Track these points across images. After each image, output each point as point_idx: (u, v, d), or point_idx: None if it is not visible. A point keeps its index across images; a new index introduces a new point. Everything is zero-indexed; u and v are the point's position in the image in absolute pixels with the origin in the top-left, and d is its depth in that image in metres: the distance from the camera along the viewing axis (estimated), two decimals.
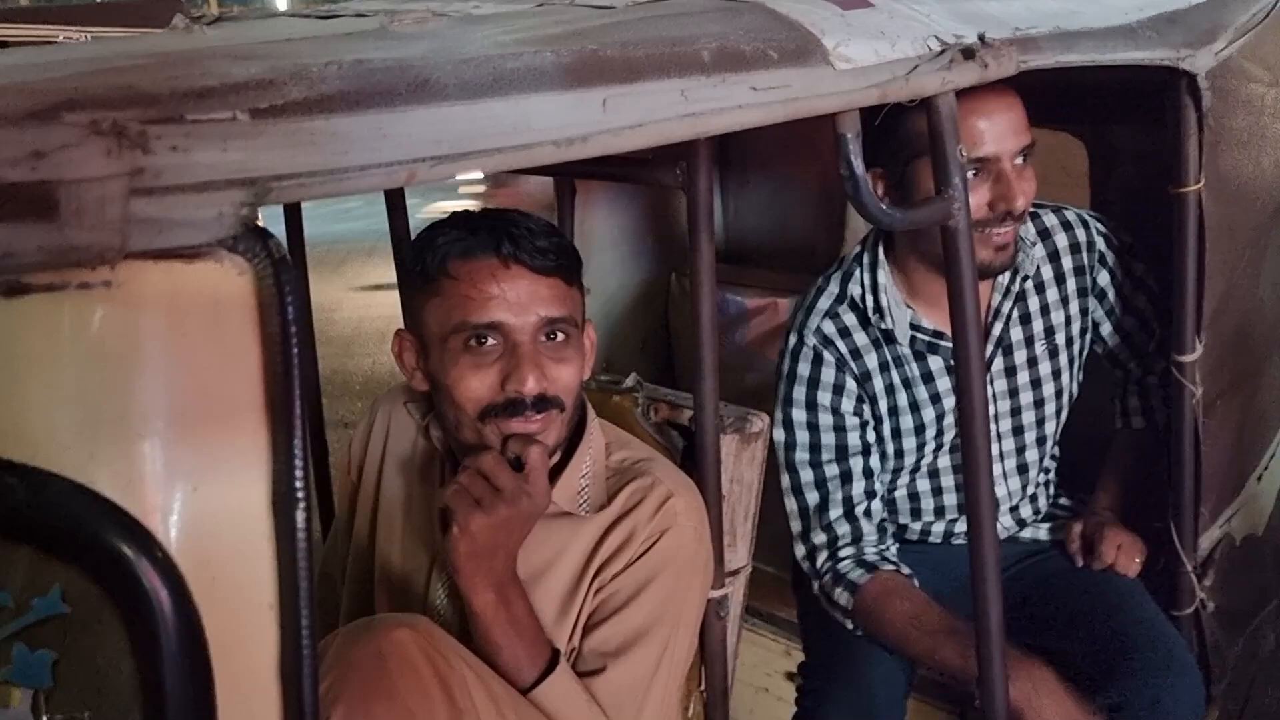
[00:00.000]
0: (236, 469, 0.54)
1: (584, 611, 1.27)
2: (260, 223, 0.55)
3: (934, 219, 1.06)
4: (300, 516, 0.55)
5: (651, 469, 1.32)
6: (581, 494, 1.30)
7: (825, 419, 1.68)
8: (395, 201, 1.70)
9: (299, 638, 0.55)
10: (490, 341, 1.21)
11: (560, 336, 1.25)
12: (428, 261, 1.24)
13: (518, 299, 1.21)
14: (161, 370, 0.55)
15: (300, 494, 0.55)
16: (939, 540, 1.83)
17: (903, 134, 1.40)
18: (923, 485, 1.79)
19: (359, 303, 6.24)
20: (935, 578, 1.68)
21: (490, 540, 1.15)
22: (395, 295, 1.58)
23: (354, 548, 1.43)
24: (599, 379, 1.57)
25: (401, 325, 1.35)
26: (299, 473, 0.55)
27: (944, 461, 1.77)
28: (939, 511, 1.81)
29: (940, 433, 1.73)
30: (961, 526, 1.79)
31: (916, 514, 1.81)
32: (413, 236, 1.41)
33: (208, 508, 0.54)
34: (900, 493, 1.80)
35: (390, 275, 1.74)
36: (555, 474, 1.30)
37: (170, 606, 0.52)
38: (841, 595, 1.63)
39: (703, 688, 1.45)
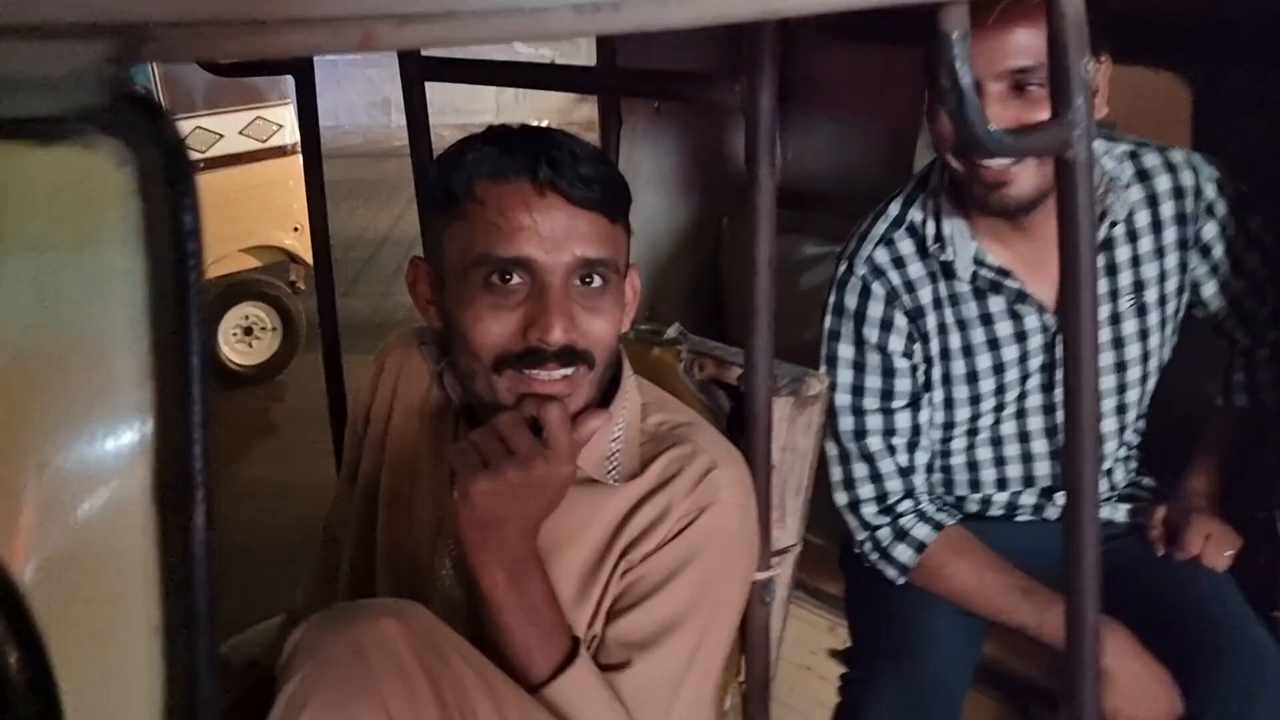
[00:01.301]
0: (104, 441, 0.38)
1: (608, 595, 1.11)
2: (147, 91, 0.38)
3: (1050, 147, 0.87)
4: (199, 512, 0.39)
5: (693, 435, 1.15)
6: (611, 459, 1.14)
7: (873, 358, 1.53)
8: (415, 105, 1.53)
9: (193, 674, 0.40)
10: (515, 280, 1.05)
11: (597, 282, 1.08)
12: (452, 180, 1.08)
13: (551, 233, 1.04)
14: None
15: (200, 479, 0.39)
16: (1000, 513, 1.67)
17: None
18: (983, 454, 1.63)
19: (410, 234, 6.07)
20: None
21: (495, 509, 1.00)
22: None
23: (359, 500, 1.28)
24: (639, 328, 1.41)
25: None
26: (198, 449, 0.39)
27: (1008, 428, 1.60)
28: (1001, 483, 1.64)
29: (1000, 389, 1.56)
30: (1026, 500, 1.65)
31: (975, 485, 1.65)
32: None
33: (60, 496, 0.38)
34: (957, 460, 1.63)
35: None
36: None
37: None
38: (904, 552, 1.52)
39: (742, 678, 1.30)
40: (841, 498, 1.57)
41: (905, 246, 1.53)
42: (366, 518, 1.26)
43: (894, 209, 1.56)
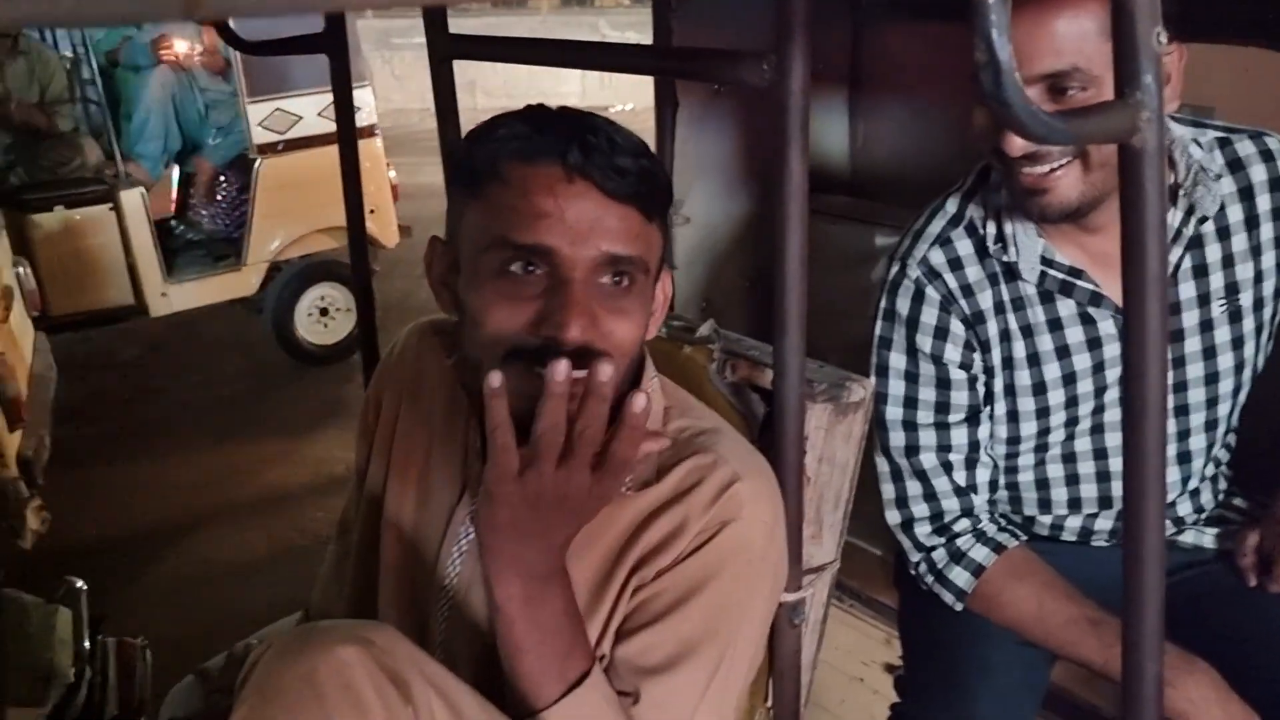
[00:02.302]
0: None
1: (617, 612, 1.02)
2: None
3: (1112, 133, 0.75)
4: None
5: (715, 444, 1.06)
6: None
7: (926, 368, 1.41)
8: (443, 83, 1.46)
9: None
10: (535, 271, 0.97)
11: (624, 282, 0.99)
12: (478, 156, 1.00)
13: (578, 223, 0.95)
14: None
15: None
16: (1074, 539, 1.53)
17: None
18: (1054, 471, 1.49)
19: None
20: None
21: (521, 518, 0.91)
22: None
23: (364, 502, 1.22)
24: (670, 324, 1.32)
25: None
26: None
27: (1082, 445, 1.46)
28: (1074, 504, 1.50)
29: (1071, 402, 1.42)
30: (1103, 524, 1.50)
31: (1046, 505, 1.51)
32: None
33: None
34: (1025, 477, 1.50)
35: None
36: None
37: None
38: (960, 576, 1.40)
39: (769, 704, 1.21)
40: (894, 517, 1.46)
41: (963, 246, 1.41)
42: (372, 512, 1.20)
43: (951, 205, 1.43)
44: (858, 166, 2.26)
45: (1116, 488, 1.47)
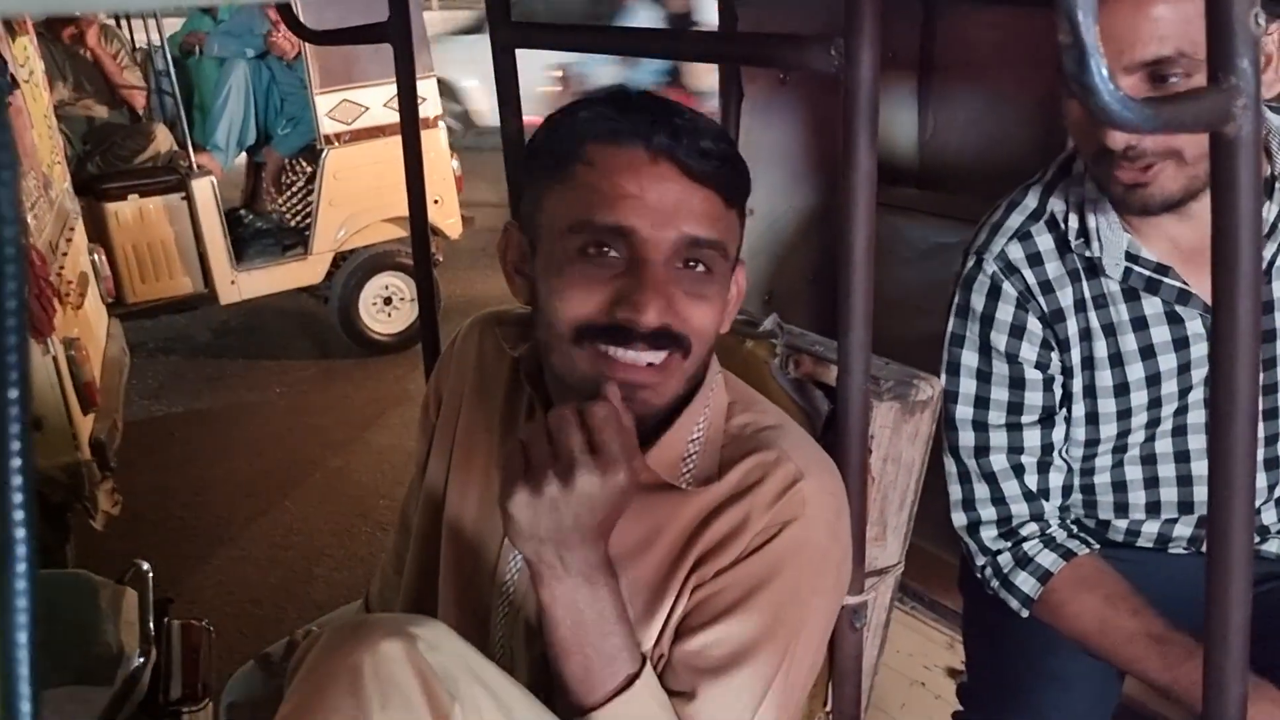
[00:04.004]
0: None
1: (676, 611, 1.00)
2: None
3: (1204, 120, 0.71)
4: (20, 571, 0.31)
5: (779, 441, 1.03)
6: (687, 461, 1.03)
7: (1000, 367, 1.35)
8: (505, 72, 1.44)
9: None
10: (613, 253, 0.95)
11: (702, 268, 0.98)
12: (560, 139, 1.00)
13: (660, 205, 0.94)
14: None
15: (21, 536, 0.31)
16: (1150, 545, 1.46)
17: None
18: (1132, 473, 1.42)
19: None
20: (1143, 593, 1.33)
21: (537, 523, 0.89)
22: None
23: (425, 498, 1.21)
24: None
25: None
26: (19, 495, 0.31)
27: (1163, 447, 1.39)
28: (1152, 508, 1.43)
29: (1154, 403, 1.36)
30: (1181, 530, 1.43)
31: (1122, 509, 1.44)
32: None
33: None
34: (1101, 479, 1.43)
35: None
36: (657, 433, 1.03)
37: None
38: (1026, 582, 1.35)
39: (828, 708, 1.18)
40: (960, 519, 1.41)
41: (1044, 241, 1.35)
42: (432, 508, 1.19)
43: (1031, 199, 1.38)
44: (927, 158, 2.20)
45: (1198, 492, 1.40)
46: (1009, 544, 1.37)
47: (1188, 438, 1.39)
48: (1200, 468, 1.39)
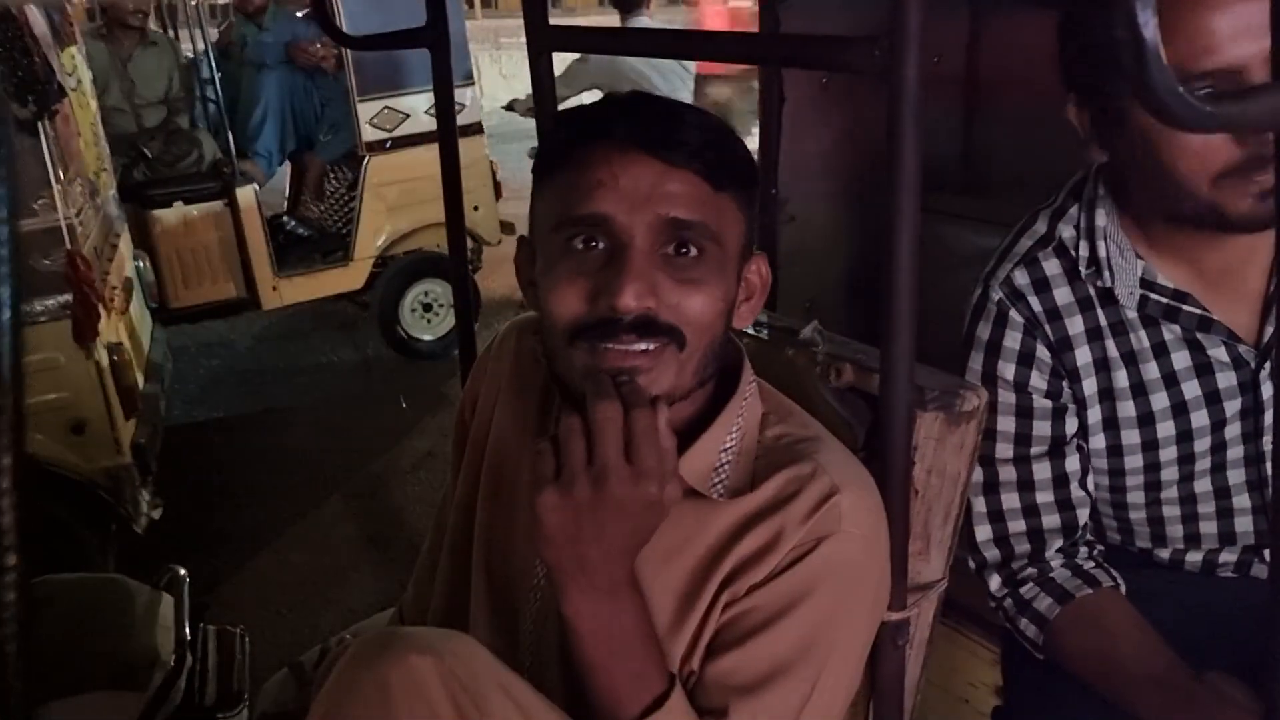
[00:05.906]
0: None
1: (707, 627, 0.97)
2: None
3: (1268, 118, 0.68)
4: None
5: (816, 453, 1.00)
6: (718, 471, 1.01)
7: (1006, 397, 1.30)
8: (542, 75, 1.43)
9: None
10: (596, 245, 0.94)
11: (691, 251, 0.95)
12: (548, 146, 1.01)
13: (633, 189, 0.93)
14: None
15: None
16: (1196, 569, 1.39)
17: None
18: (1169, 511, 1.36)
19: None
20: (1182, 613, 1.27)
21: (566, 529, 0.87)
22: None
23: (458, 504, 1.19)
24: (770, 325, 1.26)
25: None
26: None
27: (1202, 486, 1.32)
28: (1191, 540, 1.37)
29: (1184, 436, 1.29)
30: (1227, 557, 1.37)
31: (1161, 540, 1.39)
32: None
33: None
34: (1137, 515, 1.37)
35: None
36: (688, 441, 1.00)
37: None
38: (1028, 628, 1.29)
39: None
40: (971, 561, 1.36)
41: (1051, 267, 1.30)
42: (465, 515, 1.18)
43: (1041, 224, 1.33)
44: (972, 164, 2.16)
45: (1241, 523, 1.34)
46: (1008, 589, 1.32)
47: (1227, 473, 1.32)
48: (1241, 500, 1.34)
